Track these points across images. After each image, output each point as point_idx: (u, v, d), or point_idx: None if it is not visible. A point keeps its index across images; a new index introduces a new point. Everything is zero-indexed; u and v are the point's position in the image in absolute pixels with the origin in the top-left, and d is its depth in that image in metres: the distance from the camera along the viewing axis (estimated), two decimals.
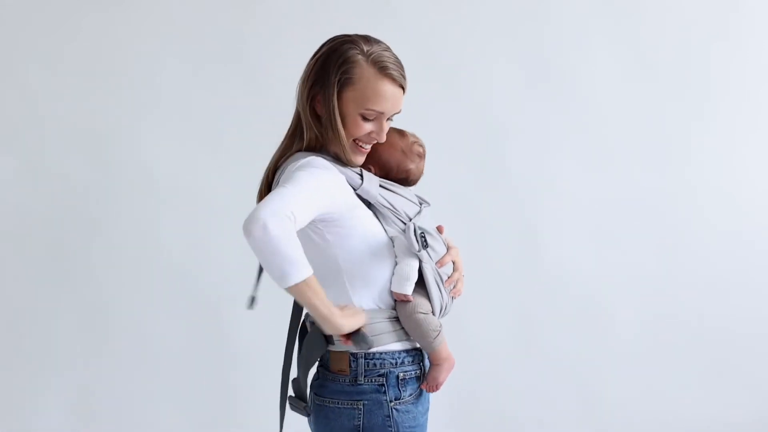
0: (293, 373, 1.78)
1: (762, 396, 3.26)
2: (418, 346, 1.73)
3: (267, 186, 1.73)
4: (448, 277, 1.75)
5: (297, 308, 1.82)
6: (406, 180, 1.80)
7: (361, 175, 1.69)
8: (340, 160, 1.69)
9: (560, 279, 3.26)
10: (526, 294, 3.26)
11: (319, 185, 1.57)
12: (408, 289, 1.66)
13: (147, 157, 3.19)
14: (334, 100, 1.65)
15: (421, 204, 1.80)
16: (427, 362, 1.75)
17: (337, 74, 1.65)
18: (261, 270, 1.71)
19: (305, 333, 1.75)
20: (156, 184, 3.19)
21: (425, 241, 1.68)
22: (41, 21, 3.17)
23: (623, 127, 3.29)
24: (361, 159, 1.73)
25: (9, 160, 3.16)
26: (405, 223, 1.70)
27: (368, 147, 1.72)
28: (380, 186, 1.71)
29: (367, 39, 1.69)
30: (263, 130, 3.16)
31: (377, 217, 1.69)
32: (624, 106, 3.29)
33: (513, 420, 3.24)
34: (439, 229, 1.77)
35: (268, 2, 3.24)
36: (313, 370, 1.76)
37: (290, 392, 1.78)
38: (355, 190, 1.67)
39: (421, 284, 1.70)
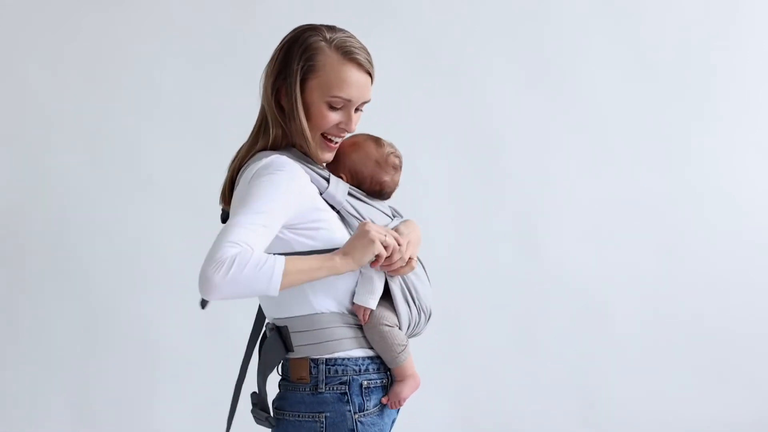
0: (253, 385, 1.71)
1: (762, 396, 3.26)
2: None
3: (230, 185, 1.67)
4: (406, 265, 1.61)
5: (259, 317, 1.77)
6: (379, 192, 1.72)
7: (328, 179, 1.61)
8: (308, 156, 1.62)
9: (560, 279, 3.26)
10: (526, 294, 3.26)
11: (275, 196, 1.50)
12: (372, 302, 1.58)
13: (147, 157, 3.19)
14: (297, 89, 1.59)
15: (394, 217, 1.72)
16: None
17: (299, 62, 1.59)
18: None
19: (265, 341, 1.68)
20: (156, 184, 3.19)
21: None
22: (41, 21, 3.17)
23: (623, 127, 3.29)
24: (329, 155, 1.66)
25: (9, 160, 3.16)
26: None
27: (337, 141, 1.65)
28: (349, 194, 1.64)
29: (331, 27, 1.64)
30: None
31: (344, 224, 1.62)
32: (624, 106, 3.29)
33: (513, 420, 3.24)
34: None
35: (268, 2, 3.23)
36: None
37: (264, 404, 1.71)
38: (320, 193, 1.60)
39: (389, 297, 1.62)
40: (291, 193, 1.53)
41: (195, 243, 3.17)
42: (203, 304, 1.63)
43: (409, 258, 1.61)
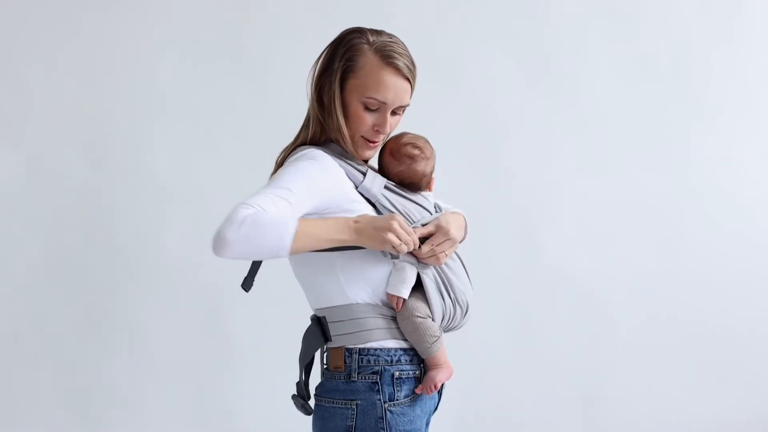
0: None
1: (762, 396, 3.26)
2: None
3: None
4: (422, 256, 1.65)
5: None
6: (403, 183, 1.73)
7: (365, 173, 1.67)
8: (346, 153, 1.67)
9: (560, 279, 3.26)
10: (526, 294, 3.26)
11: (303, 179, 1.56)
12: (404, 292, 1.62)
13: (147, 157, 3.19)
14: (336, 85, 1.65)
15: (437, 212, 1.76)
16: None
17: (340, 61, 1.65)
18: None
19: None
20: (156, 183, 3.19)
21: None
22: (41, 20, 3.17)
23: (623, 127, 3.30)
24: (369, 153, 1.71)
25: (9, 160, 3.16)
26: None
27: (377, 141, 1.70)
28: (387, 188, 1.68)
29: (377, 31, 1.69)
30: (264, 130, 3.17)
31: None
32: (624, 106, 3.29)
33: (512, 420, 3.24)
34: None
35: (268, 3, 3.24)
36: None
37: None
38: (356, 186, 1.66)
39: (423, 290, 1.66)
40: (317, 181, 1.58)
41: (196, 243, 3.18)
42: (247, 286, 1.68)
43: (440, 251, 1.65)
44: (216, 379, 3.19)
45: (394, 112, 1.68)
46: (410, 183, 1.73)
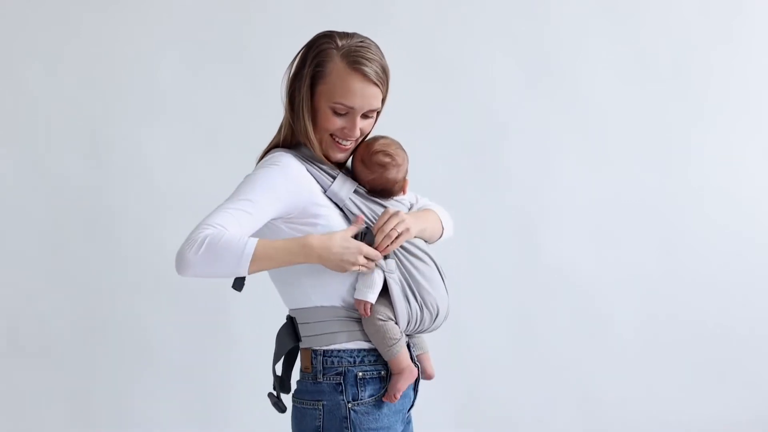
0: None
1: (762, 396, 3.26)
2: None
3: None
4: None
5: None
6: (375, 190, 1.72)
7: (335, 177, 1.68)
8: (315, 156, 1.69)
9: (560, 279, 3.26)
10: (526, 293, 3.26)
11: (264, 187, 1.60)
12: (371, 296, 1.63)
13: (147, 157, 3.19)
14: (304, 90, 1.66)
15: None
16: None
17: (310, 67, 1.66)
18: None
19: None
20: (156, 183, 3.19)
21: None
22: (41, 20, 3.17)
23: (623, 126, 3.30)
24: (340, 155, 1.71)
25: (9, 160, 3.16)
26: None
27: (347, 143, 1.70)
28: (356, 192, 1.69)
29: (347, 35, 1.68)
30: (264, 130, 3.16)
31: (347, 222, 1.67)
32: (624, 106, 3.29)
33: (512, 420, 3.24)
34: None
35: (268, 3, 3.24)
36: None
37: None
38: (324, 191, 1.67)
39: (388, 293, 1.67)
40: (278, 187, 1.61)
41: None
42: (238, 286, 1.70)
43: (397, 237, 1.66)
44: (217, 379, 3.19)
45: (365, 116, 1.68)
46: (382, 190, 1.73)
